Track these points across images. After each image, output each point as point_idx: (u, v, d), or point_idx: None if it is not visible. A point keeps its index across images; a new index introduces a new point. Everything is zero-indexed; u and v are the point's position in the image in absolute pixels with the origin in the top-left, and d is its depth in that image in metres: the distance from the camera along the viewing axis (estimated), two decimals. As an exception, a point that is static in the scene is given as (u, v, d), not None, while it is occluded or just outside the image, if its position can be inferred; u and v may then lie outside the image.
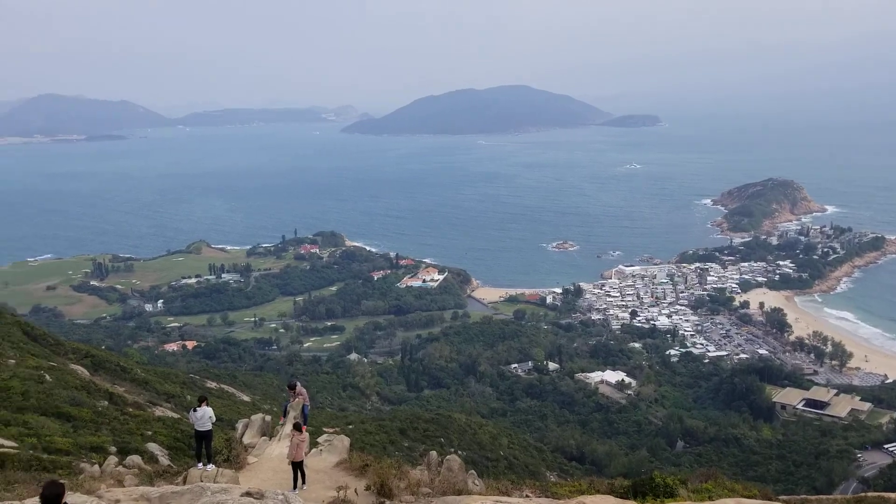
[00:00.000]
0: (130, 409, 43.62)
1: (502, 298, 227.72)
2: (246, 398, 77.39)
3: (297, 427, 20.19)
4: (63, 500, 9.90)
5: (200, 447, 20.64)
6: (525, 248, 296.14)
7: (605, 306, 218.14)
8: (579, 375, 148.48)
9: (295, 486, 19.32)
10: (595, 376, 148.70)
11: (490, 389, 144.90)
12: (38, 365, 45.28)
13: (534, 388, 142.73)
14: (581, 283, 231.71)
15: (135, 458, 23.77)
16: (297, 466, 19.65)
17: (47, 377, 42.08)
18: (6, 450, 27.04)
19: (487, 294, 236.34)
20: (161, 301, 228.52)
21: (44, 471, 24.59)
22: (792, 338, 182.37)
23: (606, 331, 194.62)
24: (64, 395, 39.79)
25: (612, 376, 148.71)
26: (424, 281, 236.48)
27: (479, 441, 76.62)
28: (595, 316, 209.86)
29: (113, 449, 30.83)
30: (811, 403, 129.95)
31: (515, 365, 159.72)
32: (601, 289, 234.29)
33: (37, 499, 16.03)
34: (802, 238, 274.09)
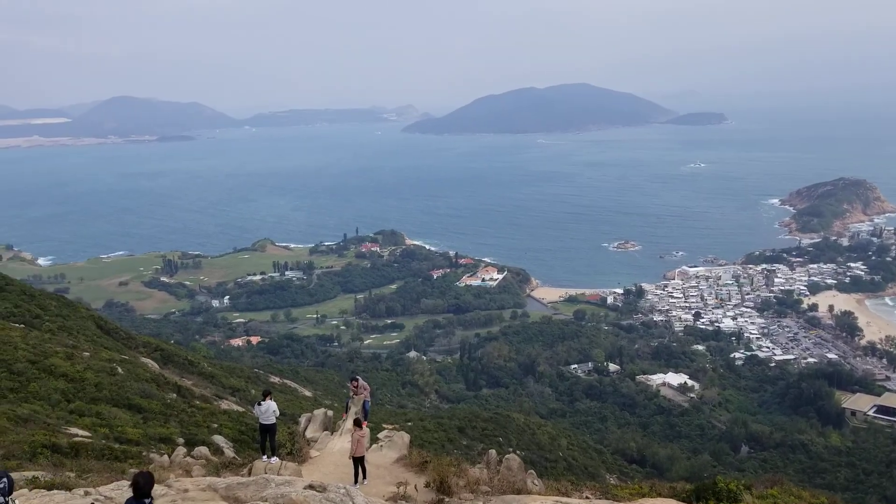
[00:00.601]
0: (197, 402, 44.88)
1: (562, 298, 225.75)
2: (308, 393, 78.76)
3: (357, 423, 20.51)
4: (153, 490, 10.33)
5: (265, 440, 21.16)
6: (586, 247, 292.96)
7: (667, 307, 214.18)
8: (640, 377, 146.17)
9: (356, 481, 19.62)
10: (657, 378, 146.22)
11: (549, 390, 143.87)
12: (111, 358, 46.90)
13: (594, 389, 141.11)
14: (643, 284, 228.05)
15: (202, 450, 24.50)
16: (359, 461, 19.96)
17: (119, 370, 43.56)
18: (80, 439, 28.17)
19: (547, 294, 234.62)
20: (227, 297, 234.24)
21: (115, 460, 25.52)
22: (863, 342, 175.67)
23: (669, 332, 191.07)
24: (135, 387, 41.14)
25: (675, 379, 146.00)
26: (484, 280, 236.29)
27: (538, 441, 76.20)
28: (657, 317, 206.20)
29: (181, 440, 31.81)
30: (883, 410, 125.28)
31: (575, 366, 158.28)
32: (664, 290, 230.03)
33: (113, 485, 16.74)
34: (875, 239, 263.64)
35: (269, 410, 20.81)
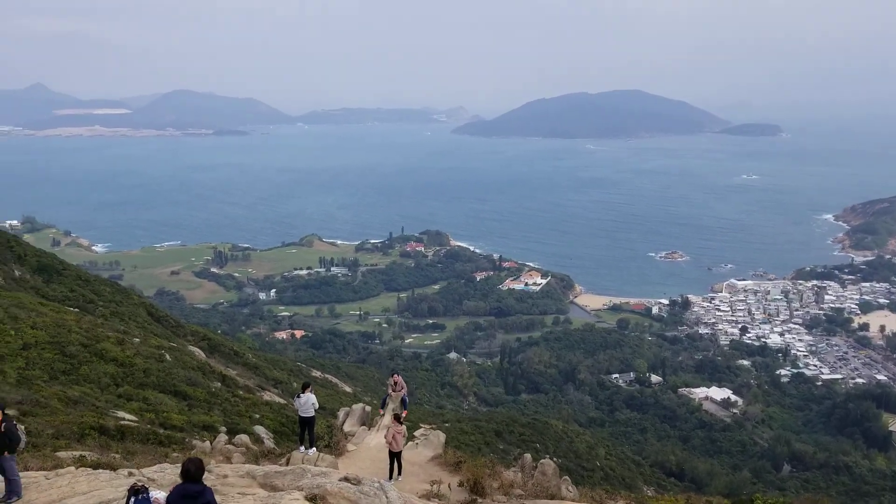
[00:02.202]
0: (241, 392, 45.80)
1: (606, 306, 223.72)
2: (348, 389, 79.63)
3: (395, 418, 20.80)
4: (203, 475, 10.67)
5: (304, 432, 21.58)
6: (632, 256, 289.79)
7: (713, 320, 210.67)
8: (683, 390, 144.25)
9: (391, 476, 19.91)
10: (699, 392, 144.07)
11: (589, 398, 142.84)
12: (160, 345, 48.12)
13: (634, 399, 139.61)
14: (689, 296, 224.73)
15: (243, 438, 25.09)
16: (395, 457, 20.24)
17: (167, 357, 44.68)
18: (127, 423, 29.04)
19: (590, 301, 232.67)
20: (274, 290, 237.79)
21: (159, 445, 26.28)
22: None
23: (714, 346, 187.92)
24: (181, 374, 42.17)
25: (718, 393, 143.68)
26: (527, 284, 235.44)
27: (576, 450, 75.75)
28: (702, 330, 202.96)
29: (223, 428, 32.54)
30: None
31: (616, 375, 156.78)
32: (710, 302, 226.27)
33: (156, 467, 17.31)
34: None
35: (307, 403, 21.19)
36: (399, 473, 20.29)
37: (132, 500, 13.66)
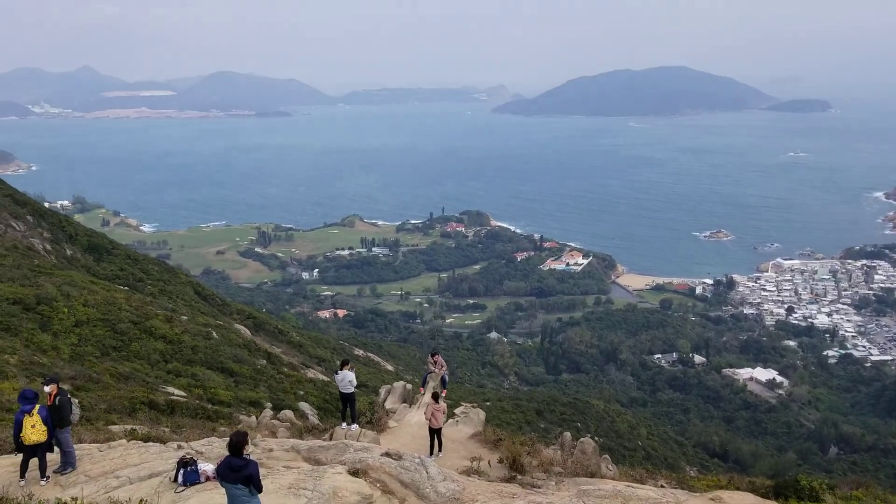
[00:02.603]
0: (285, 370, 46.65)
1: (648, 286, 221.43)
2: (390, 367, 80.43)
3: (435, 396, 21.03)
4: (246, 448, 10.97)
5: (345, 408, 21.93)
6: (675, 235, 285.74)
7: (758, 300, 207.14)
8: (727, 371, 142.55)
9: (431, 452, 20.17)
10: (744, 373, 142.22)
11: (631, 378, 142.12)
12: (207, 323, 49.19)
13: (677, 380, 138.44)
14: (734, 275, 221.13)
15: (287, 413, 25.62)
16: (436, 433, 20.50)
17: (214, 334, 45.68)
18: (176, 398, 29.86)
19: (633, 281, 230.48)
20: (316, 270, 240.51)
21: (207, 419, 26.97)
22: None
23: (759, 326, 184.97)
24: (228, 351, 43.12)
25: (763, 374, 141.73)
26: (568, 264, 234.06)
27: (617, 429, 75.54)
28: (747, 310, 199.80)
29: (268, 404, 33.24)
30: None
31: (659, 355, 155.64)
32: (756, 282, 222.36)
33: (204, 441, 17.81)
34: None
35: (345, 379, 21.41)
36: (439, 450, 20.55)
37: (181, 471, 14.12)
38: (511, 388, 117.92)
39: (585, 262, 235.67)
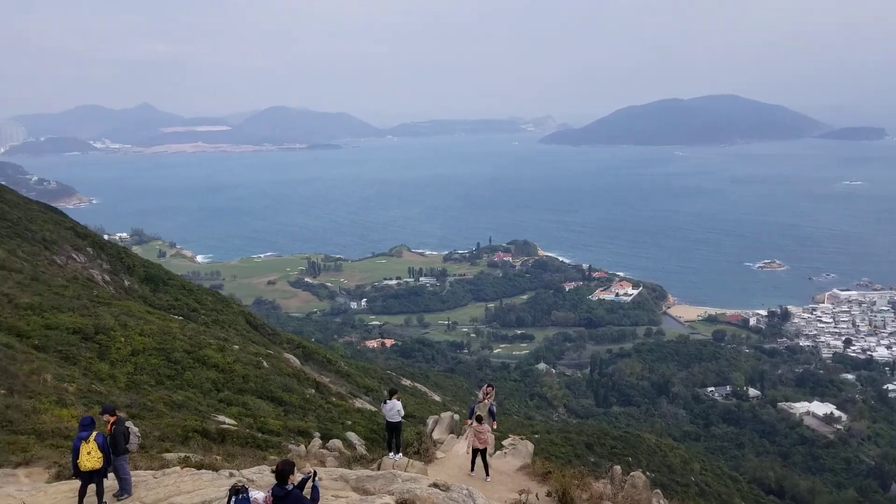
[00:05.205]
0: (333, 399, 46.90)
1: (700, 317, 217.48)
2: (437, 398, 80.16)
3: (478, 418, 21.12)
4: (292, 477, 11.18)
5: (391, 438, 22.02)
6: (727, 266, 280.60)
7: (815, 332, 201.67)
8: (782, 404, 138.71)
9: (472, 468, 20.32)
10: (800, 407, 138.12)
11: (683, 412, 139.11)
12: (258, 352, 49.87)
13: (731, 414, 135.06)
14: (789, 306, 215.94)
15: (336, 443, 25.80)
16: (480, 454, 20.57)
17: (264, 363, 46.26)
18: (227, 426, 30.28)
19: (684, 312, 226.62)
20: (364, 300, 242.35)
21: (257, 448, 27.26)
22: None
23: (815, 359, 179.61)
24: (278, 381, 43.59)
25: (820, 408, 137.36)
26: (617, 294, 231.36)
27: (669, 464, 73.83)
28: (803, 342, 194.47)
29: (317, 434, 33.47)
30: None
31: (712, 388, 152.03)
32: (811, 313, 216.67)
33: (255, 469, 18.07)
34: None
35: (393, 409, 21.57)
36: (486, 474, 20.58)
37: (233, 499, 14.32)
38: (560, 421, 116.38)
39: (635, 292, 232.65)
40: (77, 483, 15.10)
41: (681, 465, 75.70)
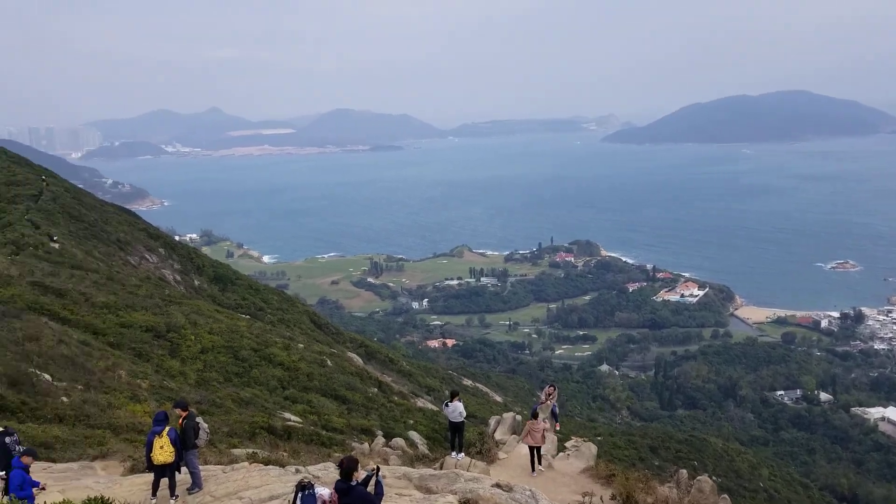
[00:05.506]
0: (396, 398, 47.34)
1: (769, 319, 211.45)
2: (498, 398, 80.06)
3: (533, 415, 21.23)
4: (356, 474, 11.38)
5: (454, 437, 22.15)
6: (797, 266, 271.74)
7: (890, 335, 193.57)
8: (855, 409, 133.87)
9: (533, 469, 20.38)
10: (875, 412, 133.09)
11: (751, 416, 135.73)
12: (322, 351, 50.72)
13: (801, 419, 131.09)
14: (863, 308, 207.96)
15: (399, 441, 26.02)
16: (534, 450, 20.66)
17: (328, 362, 47.02)
18: (293, 423, 30.88)
19: (752, 314, 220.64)
20: (426, 300, 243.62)
21: (322, 445, 27.71)
22: None
23: (891, 362, 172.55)
24: (341, 379, 44.25)
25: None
26: (683, 296, 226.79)
27: (737, 469, 72.09)
28: (878, 345, 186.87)
29: (379, 432, 33.84)
30: None
31: (781, 392, 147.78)
32: (887, 315, 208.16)
33: (320, 465, 18.38)
34: None
35: (455, 410, 21.72)
36: (532, 469, 20.93)
37: (299, 495, 14.61)
38: (623, 423, 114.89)
39: (701, 293, 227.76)
40: (150, 476, 15.62)
41: (749, 470, 73.89)
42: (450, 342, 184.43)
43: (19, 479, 13.51)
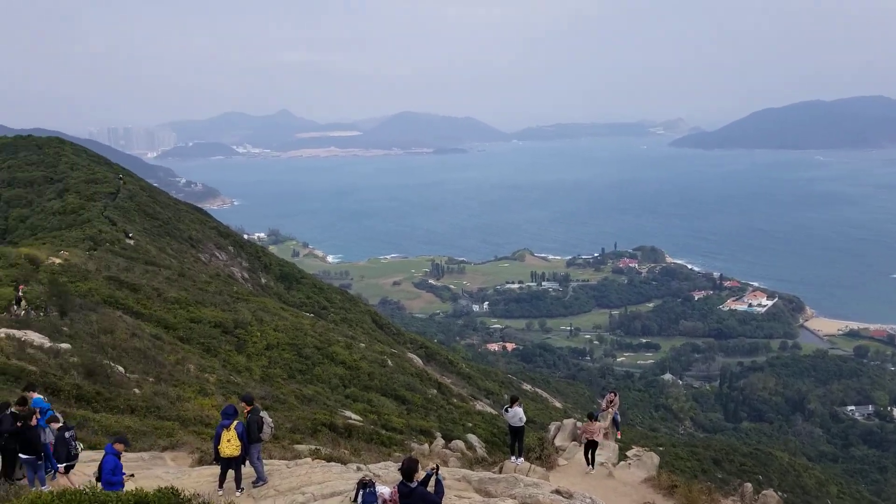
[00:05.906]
0: (455, 401, 47.50)
1: (840, 332, 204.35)
2: (558, 404, 79.46)
3: (590, 416, 21.21)
4: (417, 475, 11.53)
5: (514, 442, 22.12)
6: (872, 277, 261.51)
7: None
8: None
9: (590, 465, 21.10)
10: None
11: (820, 431, 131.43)
12: (383, 350, 51.28)
13: (873, 435, 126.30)
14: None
15: (458, 444, 26.13)
16: (590, 448, 20.73)
17: (389, 362, 47.51)
18: (353, 422, 31.32)
19: (823, 325, 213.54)
20: (486, 303, 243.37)
21: (381, 444, 28.04)
22: None
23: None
24: (401, 379, 44.66)
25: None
26: (750, 305, 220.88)
27: (803, 485, 69.83)
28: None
29: (438, 434, 34.00)
30: None
31: (852, 407, 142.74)
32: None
33: (381, 464, 18.61)
34: None
35: (515, 416, 21.68)
36: (588, 463, 21.47)
37: (361, 492, 14.85)
38: (686, 434, 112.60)
39: (770, 303, 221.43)
40: (217, 468, 16.07)
41: (816, 486, 71.58)
42: (510, 346, 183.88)
43: (112, 464, 14.02)
